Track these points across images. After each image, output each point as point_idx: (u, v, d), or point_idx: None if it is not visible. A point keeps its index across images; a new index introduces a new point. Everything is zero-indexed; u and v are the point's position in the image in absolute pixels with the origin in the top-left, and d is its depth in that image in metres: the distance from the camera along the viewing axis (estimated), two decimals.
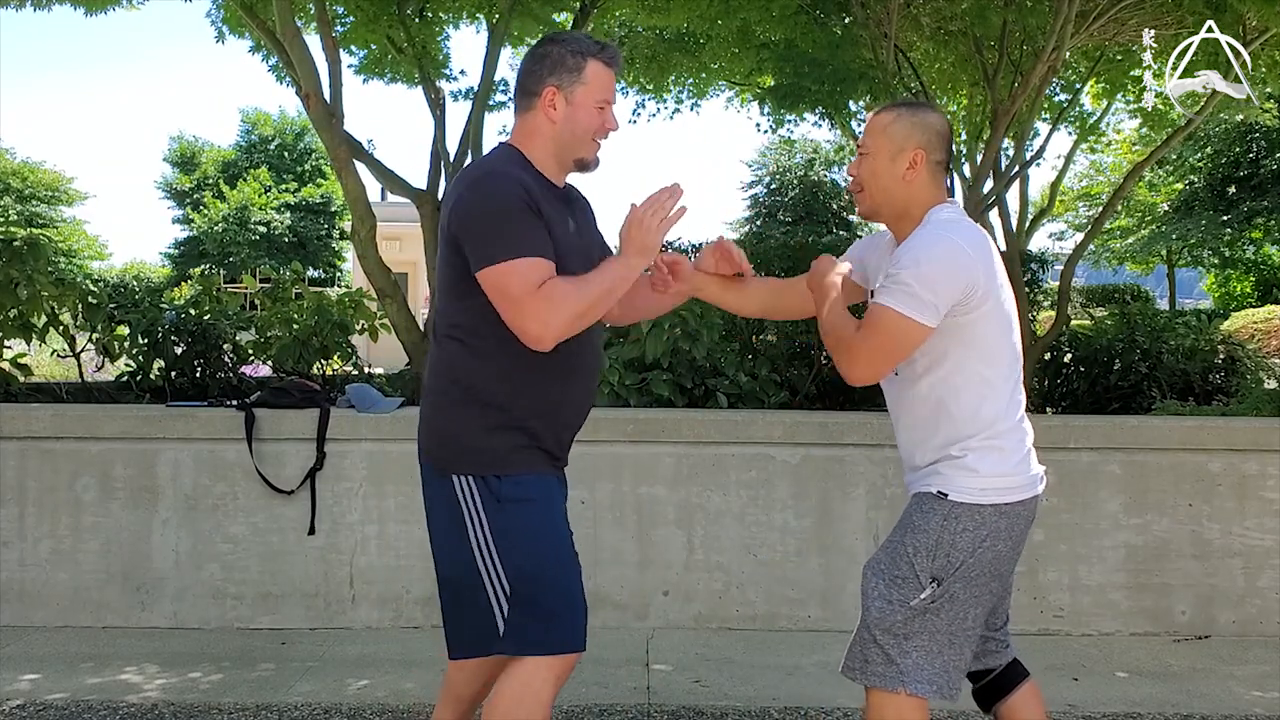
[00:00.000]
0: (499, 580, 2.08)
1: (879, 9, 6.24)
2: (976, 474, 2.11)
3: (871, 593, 2.16)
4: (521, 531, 2.10)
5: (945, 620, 2.11)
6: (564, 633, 2.08)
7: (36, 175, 24.65)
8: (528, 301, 2.01)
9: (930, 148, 2.17)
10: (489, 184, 2.08)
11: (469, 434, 2.13)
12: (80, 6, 6.67)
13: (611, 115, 2.20)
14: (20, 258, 5.35)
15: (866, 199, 2.23)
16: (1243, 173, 19.83)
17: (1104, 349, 6.34)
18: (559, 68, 2.14)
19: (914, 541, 2.13)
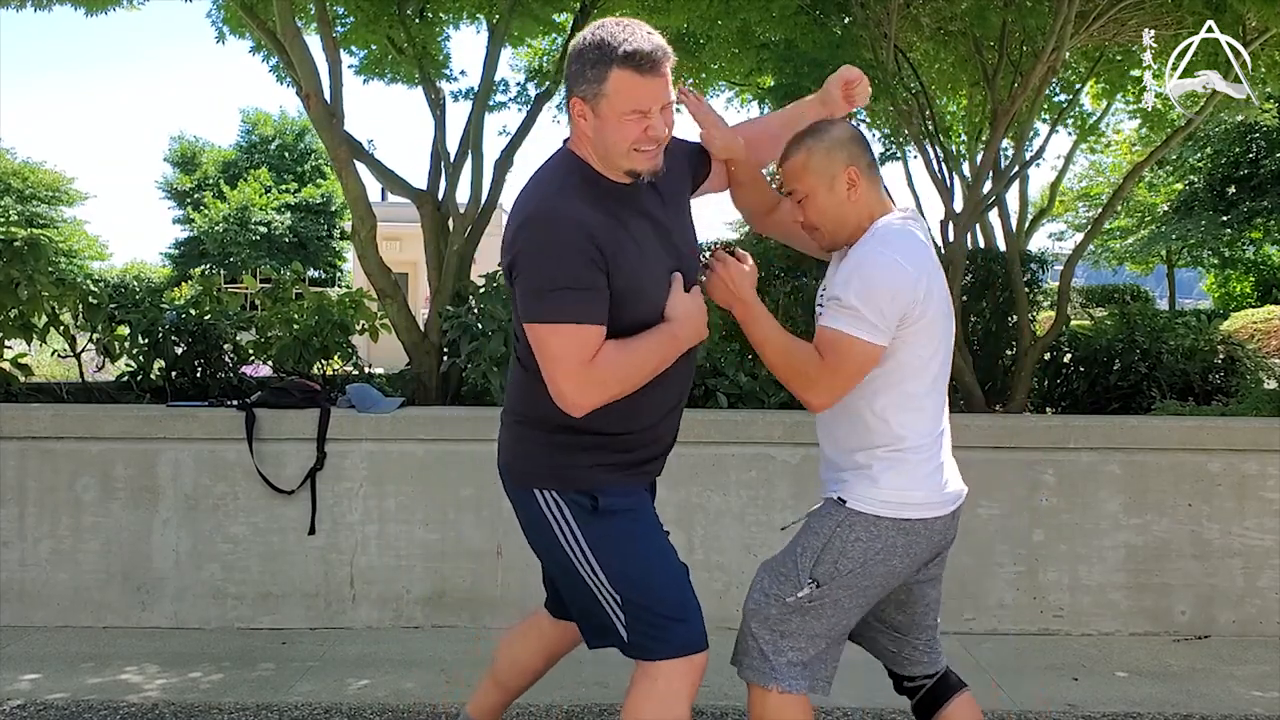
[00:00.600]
0: (607, 589, 2.05)
1: (879, 9, 6.24)
2: (877, 485, 2.09)
3: (755, 585, 2.20)
4: (617, 539, 2.06)
5: (825, 624, 2.10)
6: (684, 634, 2.05)
7: (37, 175, 24.63)
8: (570, 370, 1.92)
9: (855, 159, 2.15)
10: (544, 228, 1.94)
11: (546, 455, 2.09)
12: (80, 6, 6.66)
13: (656, 122, 1.97)
14: (21, 258, 5.35)
15: (825, 237, 2.20)
16: (1242, 173, 19.83)
17: (1104, 349, 6.34)
18: (579, 79, 1.97)
19: (804, 542, 2.14)
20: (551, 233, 1.92)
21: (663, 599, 2.05)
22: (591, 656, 3.60)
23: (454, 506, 3.97)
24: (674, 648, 2.03)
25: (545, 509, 2.08)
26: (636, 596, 2.04)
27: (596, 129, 1.98)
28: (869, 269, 2.03)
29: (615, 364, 1.95)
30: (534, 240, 1.94)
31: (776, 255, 5.84)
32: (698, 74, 9.72)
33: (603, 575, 2.04)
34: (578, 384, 1.92)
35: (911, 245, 2.10)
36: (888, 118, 9.03)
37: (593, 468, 2.06)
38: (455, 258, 5.83)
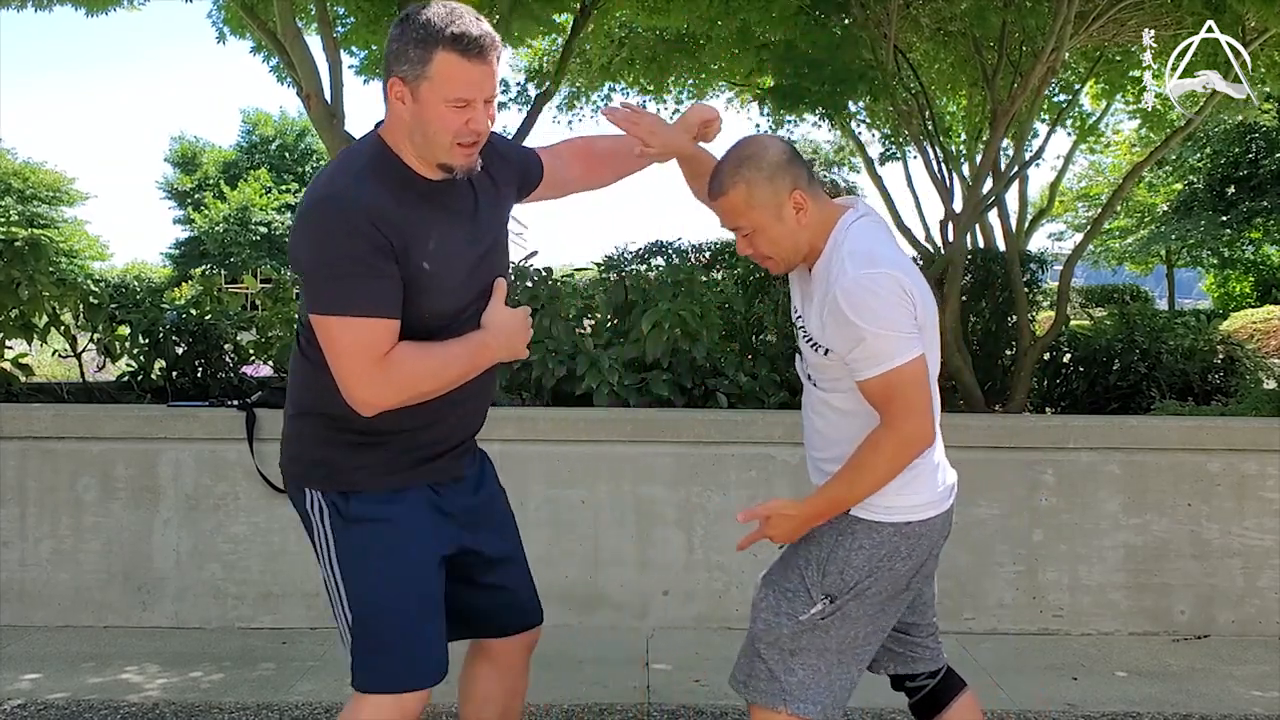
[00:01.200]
0: (343, 603, 1.91)
1: (879, 9, 6.24)
2: (883, 493, 1.99)
3: (761, 604, 2.08)
4: (361, 551, 1.90)
5: (836, 639, 2.01)
6: (398, 669, 1.88)
7: (38, 176, 24.63)
8: (360, 367, 1.77)
9: (795, 177, 2.00)
10: (327, 217, 1.78)
11: (316, 446, 1.93)
12: (81, 7, 6.67)
13: (479, 115, 1.81)
14: (21, 258, 5.36)
15: (780, 265, 2.07)
16: (1242, 173, 19.83)
17: (1103, 349, 6.35)
18: (403, 56, 1.79)
19: (807, 554, 2.04)
20: (340, 218, 1.76)
21: (384, 626, 1.89)
22: (591, 656, 3.62)
23: None
24: (378, 682, 1.89)
25: (310, 509, 1.94)
26: (362, 615, 1.90)
27: (415, 114, 1.81)
28: (864, 298, 1.90)
29: (412, 366, 1.80)
30: (322, 225, 1.78)
31: None
32: (698, 74, 9.73)
33: (343, 588, 1.91)
34: (369, 381, 1.77)
35: (885, 250, 1.99)
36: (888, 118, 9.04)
37: (359, 468, 1.91)
38: None
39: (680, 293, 4.98)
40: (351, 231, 1.75)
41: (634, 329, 4.83)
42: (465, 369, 1.88)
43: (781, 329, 5.65)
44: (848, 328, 1.92)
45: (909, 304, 1.93)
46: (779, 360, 5.33)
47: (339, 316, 1.76)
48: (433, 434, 1.95)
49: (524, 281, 5.14)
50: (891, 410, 1.93)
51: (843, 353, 1.97)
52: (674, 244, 6.57)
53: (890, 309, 1.91)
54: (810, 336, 2.05)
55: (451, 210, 1.92)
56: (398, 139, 1.86)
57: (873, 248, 1.97)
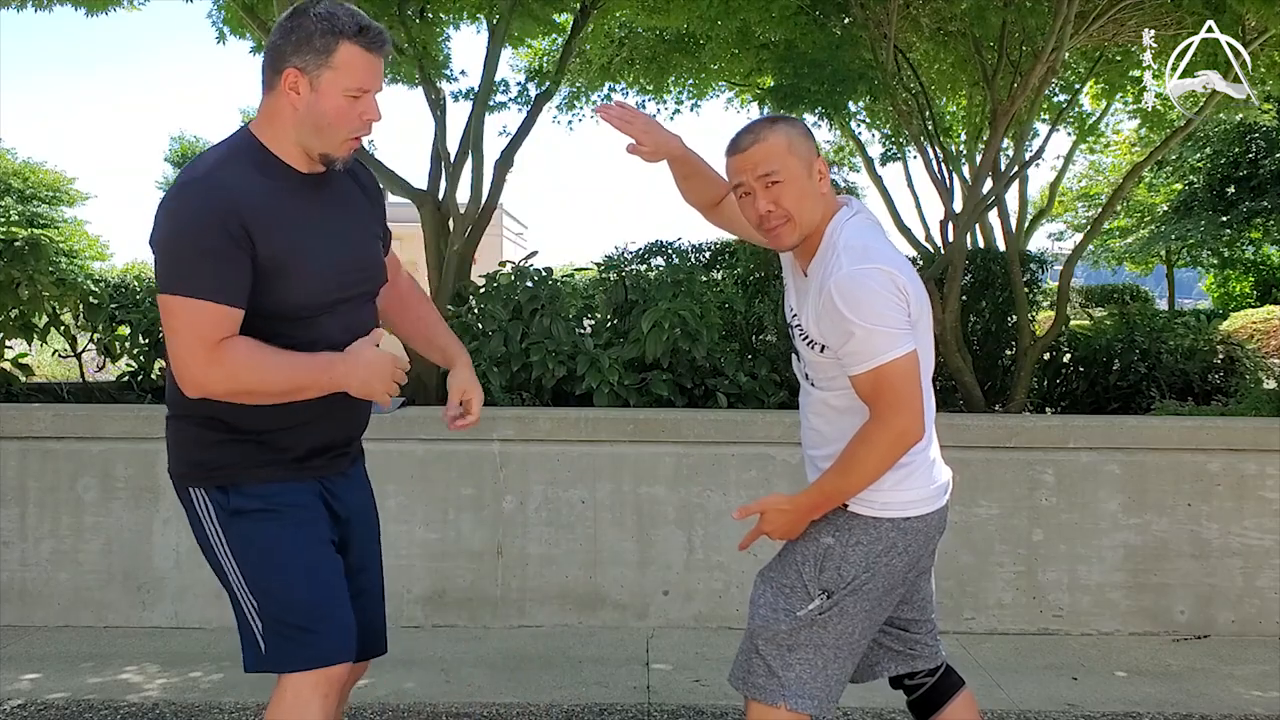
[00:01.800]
0: (246, 594, 1.93)
1: (879, 9, 6.24)
2: (879, 489, 1.99)
3: (758, 600, 2.08)
4: (254, 541, 1.91)
5: (833, 634, 2.01)
6: (314, 646, 1.90)
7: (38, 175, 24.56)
8: (192, 346, 1.78)
9: (818, 151, 2.04)
10: (184, 199, 1.81)
11: (195, 451, 1.94)
12: (81, 7, 6.67)
13: (372, 105, 1.88)
14: (22, 258, 5.37)
15: (795, 230, 2.01)
16: (1242, 173, 19.82)
17: (1103, 349, 6.35)
18: (304, 46, 1.82)
19: (804, 550, 2.05)
20: (199, 202, 1.79)
21: (294, 607, 1.90)
22: (591, 656, 3.62)
23: (454, 506, 3.97)
24: (302, 660, 1.89)
25: (197, 508, 1.95)
26: (269, 603, 1.91)
27: (310, 104, 1.84)
28: (857, 292, 1.90)
29: (244, 359, 1.79)
30: (178, 208, 1.80)
31: (777, 255, 5.84)
32: (698, 74, 9.73)
33: (243, 579, 1.92)
34: (198, 362, 1.78)
35: (879, 247, 1.99)
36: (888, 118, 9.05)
37: (235, 466, 1.92)
38: (455, 258, 5.84)
39: (680, 293, 4.98)
40: (206, 215, 1.77)
41: (634, 329, 4.83)
42: (302, 381, 1.85)
43: (781, 329, 5.64)
44: (841, 322, 1.92)
45: (902, 300, 1.93)
46: (779, 360, 5.33)
47: (179, 296, 1.77)
48: (306, 436, 1.96)
49: (524, 281, 5.14)
50: (881, 405, 1.93)
51: (835, 347, 1.97)
52: (674, 244, 6.56)
53: (883, 304, 1.90)
54: (806, 334, 2.05)
55: (325, 203, 1.95)
56: (275, 133, 1.89)
57: (868, 244, 1.97)
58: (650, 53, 9.07)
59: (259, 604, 1.91)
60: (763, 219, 2.02)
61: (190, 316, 1.77)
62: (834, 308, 1.92)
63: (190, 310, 1.77)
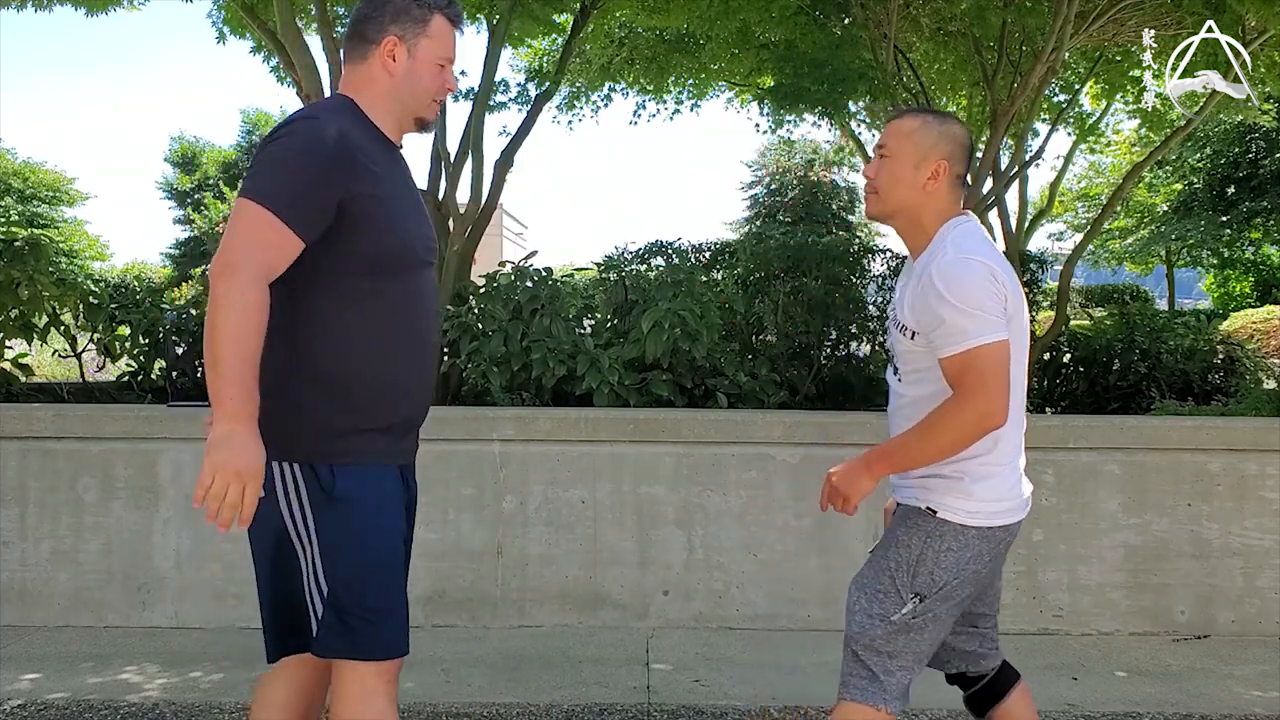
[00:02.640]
0: (317, 579, 1.88)
1: (879, 10, 6.24)
2: (970, 497, 2.05)
3: (854, 607, 2.13)
4: (351, 534, 1.88)
5: (927, 640, 2.07)
6: (388, 637, 1.90)
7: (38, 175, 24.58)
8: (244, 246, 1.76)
9: (954, 159, 2.10)
10: (301, 130, 1.84)
11: (299, 415, 1.86)
12: (81, 7, 6.68)
13: (451, 76, 2.02)
14: (22, 258, 5.37)
15: (879, 203, 2.15)
16: (1242, 173, 19.83)
17: (1103, 349, 6.35)
18: (402, 16, 1.95)
19: (896, 557, 2.10)
20: (312, 135, 1.83)
21: (367, 603, 1.88)
22: (592, 656, 3.62)
23: (454, 506, 3.97)
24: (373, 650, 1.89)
25: (283, 483, 1.87)
26: (346, 594, 1.87)
27: (407, 70, 1.96)
28: (957, 277, 1.97)
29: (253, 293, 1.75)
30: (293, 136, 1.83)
31: (776, 255, 5.84)
32: (698, 74, 9.73)
33: (320, 565, 1.87)
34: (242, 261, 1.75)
35: (995, 254, 2.07)
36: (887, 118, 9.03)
37: (349, 433, 1.87)
38: (455, 258, 5.84)
39: (680, 293, 4.98)
40: (320, 146, 1.81)
41: (634, 329, 4.83)
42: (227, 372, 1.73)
43: (781, 329, 5.64)
44: (937, 303, 1.98)
45: (1000, 292, 1.99)
46: (779, 360, 5.33)
47: (257, 205, 1.77)
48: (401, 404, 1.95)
49: (524, 281, 5.14)
50: (965, 384, 1.97)
51: (928, 330, 2.03)
52: (674, 244, 6.56)
53: (980, 290, 1.97)
54: (900, 321, 2.11)
55: (404, 173, 2.05)
56: (369, 100, 1.97)
57: (976, 244, 2.05)
58: (650, 53, 9.07)
59: (329, 590, 1.87)
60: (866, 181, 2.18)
61: (258, 227, 1.77)
62: (932, 288, 1.99)
63: (265, 223, 1.77)
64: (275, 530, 1.91)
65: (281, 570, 1.93)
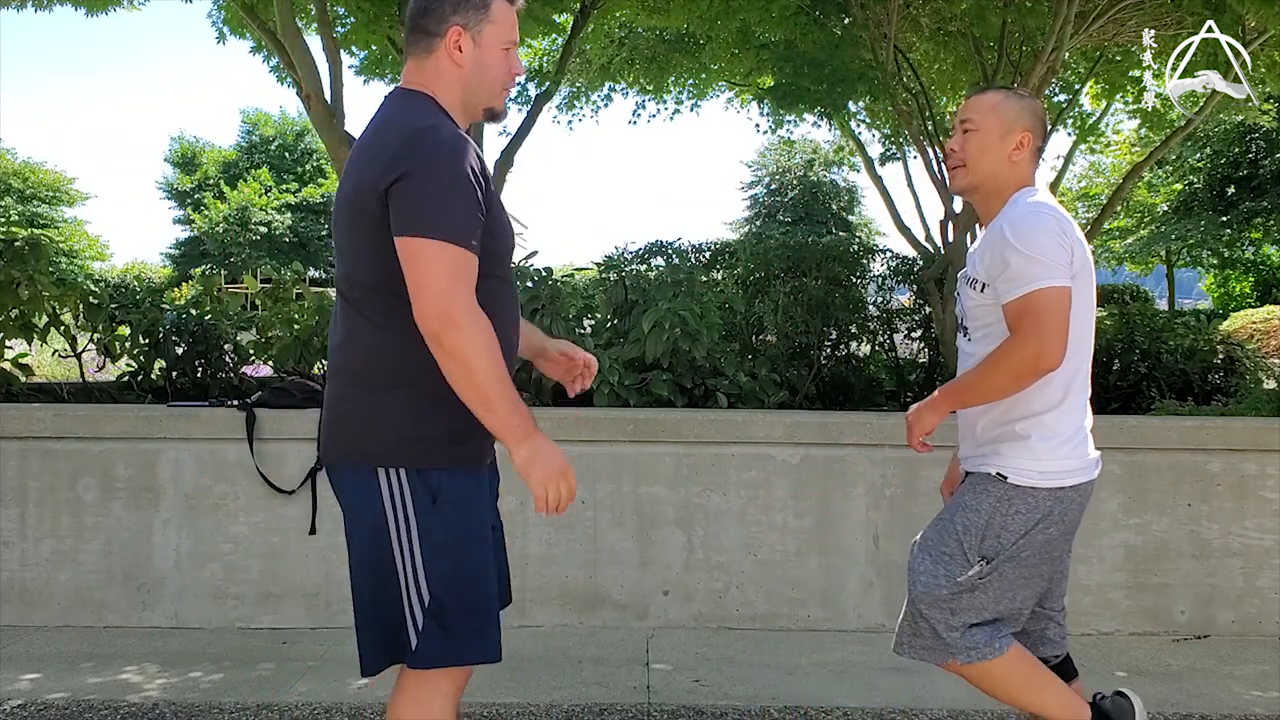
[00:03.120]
0: (419, 588, 1.86)
1: (878, 10, 6.24)
2: (1036, 457, 2.11)
3: (918, 568, 2.18)
4: (456, 536, 1.88)
5: (991, 598, 2.12)
6: (486, 646, 1.90)
7: (38, 175, 24.64)
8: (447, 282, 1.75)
9: (1035, 132, 2.22)
10: (436, 140, 1.80)
11: (407, 419, 1.86)
12: (81, 7, 6.68)
13: (517, 60, 1.99)
14: (21, 258, 5.36)
15: (966, 175, 2.23)
16: (1242, 173, 19.83)
17: (1103, 349, 6.34)
18: (463, 4, 1.89)
19: (964, 520, 2.15)
20: (452, 148, 1.81)
21: (472, 604, 1.89)
22: (592, 656, 3.62)
23: None
24: (467, 655, 1.89)
25: (386, 489, 1.87)
26: (447, 596, 1.86)
27: (475, 59, 1.91)
28: (1026, 226, 2.08)
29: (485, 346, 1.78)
30: (433, 152, 1.79)
31: (776, 256, 5.85)
32: (698, 74, 9.74)
33: (421, 568, 1.86)
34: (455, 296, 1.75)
35: (1063, 213, 2.16)
36: (887, 118, 9.04)
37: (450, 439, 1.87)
38: None
39: (680, 293, 4.98)
40: (457, 157, 1.80)
41: (634, 329, 4.83)
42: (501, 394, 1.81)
43: (781, 329, 5.64)
44: (1004, 248, 2.07)
45: (1067, 245, 2.07)
46: (779, 360, 5.33)
47: (444, 243, 1.76)
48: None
49: (524, 281, 5.14)
50: (1025, 326, 2.03)
51: (994, 278, 2.10)
52: (674, 244, 6.56)
53: (1047, 238, 2.06)
54: (971, 276, 2.18)
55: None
56: (441, 93, 1.92)
57: (1051, 204, 2.16)
58: (650, 53, 9.07)
59: (431, 594, 1.86)
60: (947, 156, 2.26)
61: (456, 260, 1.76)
62: (1001, 236, 2.09)
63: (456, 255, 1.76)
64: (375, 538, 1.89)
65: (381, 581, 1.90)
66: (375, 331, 1.87)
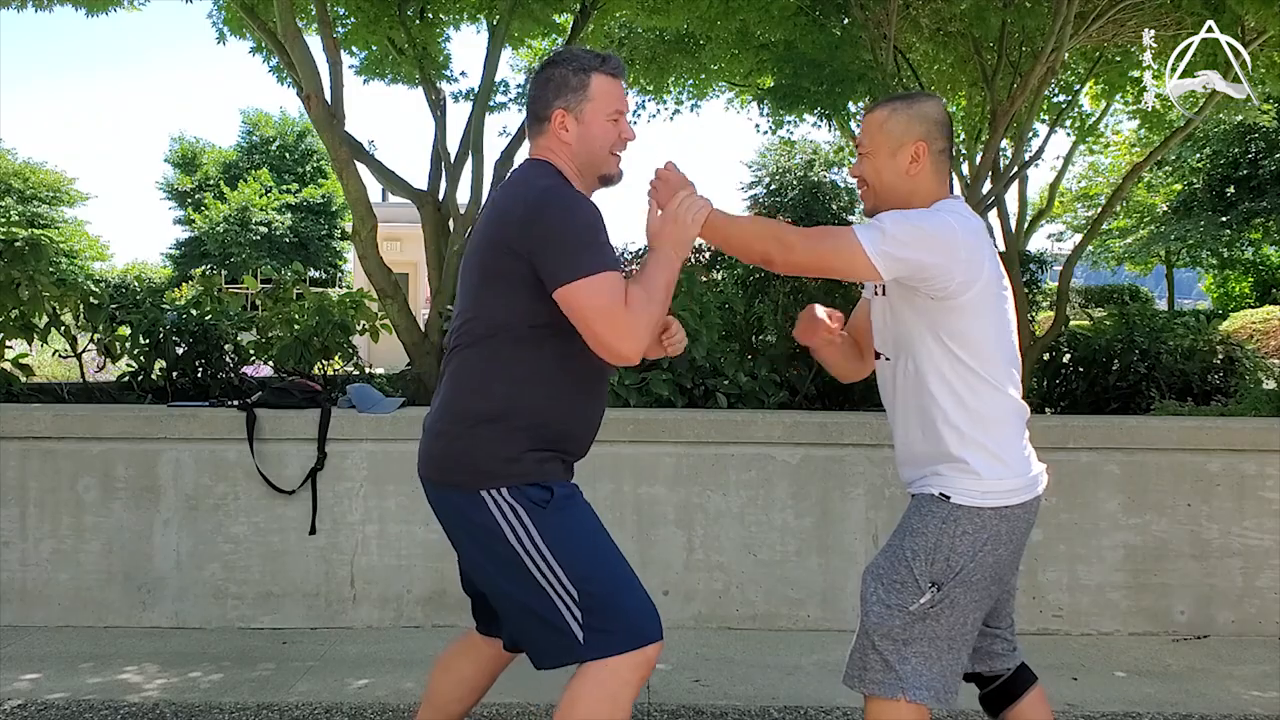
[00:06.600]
0: (563, 586, 2.00)
1: (878, 10, 6.24)
2: (979, 477, 2.07)
3: (870, 598, 2.13)
4: (573, 532, 2.05)
5: (945, 626, 2.07)
6: (644, 623, 2.04)
7: (38, 176, 24.62)
8: (621, 318, 1.97)
9: (930, 138, 2.14)
10: (564, 197, 2.03)
11: (499, 451, 2.05)
12: (81, 7, 6.67)
13: (626, 126, 2.18)
14: (22, 258, 5.37)
15: (872, 196, 2.21)
16: (1241, 173, 19.84)
17: (1103, 349, 6.34)
18: (563, 89, 2.12)
19: (913, 545, 2.10)
20: (574, 199, 2.03)
21: (619, 591, 2.04)
22: None
23: None
24: (632, 640, 2.01)
25: (497, 509, 2.03)
26: (593, 589, 2.01)
27: (580, 136, 2.12)
28: (920, 215, 2.07)
29: (646, 298, 2.02)
30: (557, 209, 2.00)
31: None
32: (697, 74, 9.73)
33: (560, 571, 2.00)
34: (629, 327, 1.98)
35: (970, 220, 2.11)
36: None
37: (545, 460, 2.07)
38: (455, 258, 5.84)
39: (680, 293, 4.98)
40: (586, 208, 2.02)
41: None
42: (668, 286, 2.08)
43: (782, 329, 5.64)
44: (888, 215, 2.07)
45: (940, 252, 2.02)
46: (779, 360, 5.33)
47: (599, 275, 1.96)
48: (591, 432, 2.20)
49: None
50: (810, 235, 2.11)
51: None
52: None
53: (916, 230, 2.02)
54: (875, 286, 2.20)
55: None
56: (561, 165, 2.13)
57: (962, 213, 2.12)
58: (650, 53, 9.07)
59: (578, 592, 2.00)
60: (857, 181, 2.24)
61: (612, 289, 1.97)
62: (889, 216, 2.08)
63: (610, 284, 1.97)
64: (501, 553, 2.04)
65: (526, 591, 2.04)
66: (480, 369, 2.08)
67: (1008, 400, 2.12)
